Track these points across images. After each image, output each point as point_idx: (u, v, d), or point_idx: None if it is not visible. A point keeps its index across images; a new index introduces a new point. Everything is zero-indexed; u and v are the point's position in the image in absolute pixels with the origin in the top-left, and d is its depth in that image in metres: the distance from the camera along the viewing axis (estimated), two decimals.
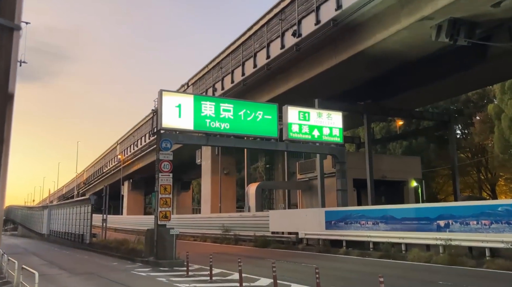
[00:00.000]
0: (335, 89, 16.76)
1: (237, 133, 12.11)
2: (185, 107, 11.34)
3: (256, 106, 12.63)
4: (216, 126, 11.70)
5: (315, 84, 15.94)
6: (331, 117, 13.67)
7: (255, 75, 17.01)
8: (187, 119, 11.38)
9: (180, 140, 11.64)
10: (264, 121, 12.45)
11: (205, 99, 12.08)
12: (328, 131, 13.53)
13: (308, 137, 13.16)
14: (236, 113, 12.09)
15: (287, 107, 12.98)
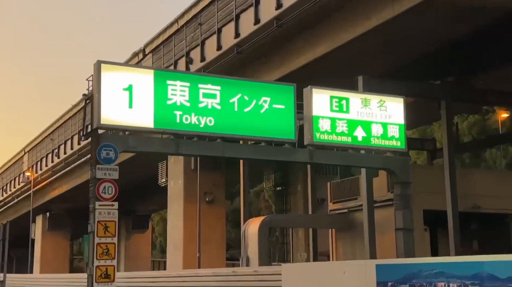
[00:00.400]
0: (390, 61, 16.71)
1: (228, 133, 12.08)
2: (139, 90, 11.29)
3: (260, 88, 12.59)
4: (192, 122, 11.64)
5: (358, 52, 15.89)
6: (386, 107, 13.51)
7: (258, 36, 16.95)
8: (143, 110, 11.32)
9: (131, 147, 11.59)
10: (273, 114, 12.38)
11: (173, 76, 12.01)
12: (381, 130, 13.37)
13: (346, 141, 13.02)
14: (225, 101, 12.01)
15: (311, 89, 12.83)
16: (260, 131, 12.29)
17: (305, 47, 16.69)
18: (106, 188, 10.64)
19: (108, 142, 10.89)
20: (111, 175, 10.71)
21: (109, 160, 10.79)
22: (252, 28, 16.98)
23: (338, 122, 12.93)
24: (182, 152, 12.47)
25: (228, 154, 12.51)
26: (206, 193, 23.74)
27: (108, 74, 11.06)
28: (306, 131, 12.73)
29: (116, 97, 11.06)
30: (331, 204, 20.48)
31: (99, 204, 10.58)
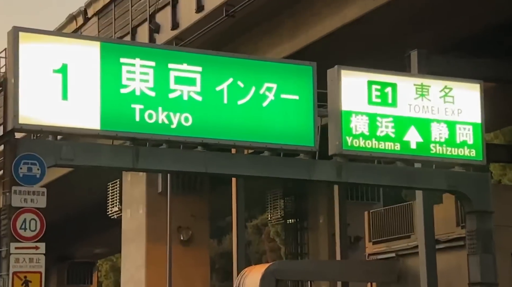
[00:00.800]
0: (458, 29, 16.65)
1: (213, 138, 12.09)
2: (78, 73, 11.33)
3: (261, 70, 12.61)
4: (159, 121, 11.70)
5: (408, 14, 15.87)
6: (454, 97, 13.53)
7: None
8: (85, 103, 11.36)
9: (66, 159, 11.57)
10: (282, 108, 12.44)
11: (130, 51, 12.01)
12: (446, 132, 13.40)
13: (393, 149, 13.04)
14: (209, 88, 12.07)
15: (339, 70, 12.82)
16: (262, 135, 12.30)
17: (330, 8, 16.74)
18: (27, 222, 10.56)
19: (31, 152, 10.84)
20: (35, 201, 10.64)
21: (32, 178, 10.73)
22: None
23: (381, 120, 12.93)
24: (144, 167, 12.38)
25: (213, 169, 12.45)
26: (181, 229, 23.77)
27: (30, 48, 11.03)
28: (331, 134, 12.73)
29: (42, 83, 11.04)
30: (370, 244, 20.47)
31: (16, 246, 10.49)
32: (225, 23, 18.14)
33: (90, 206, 30.32)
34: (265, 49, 18.41)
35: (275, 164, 12.68)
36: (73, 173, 23.94)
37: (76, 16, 24.54)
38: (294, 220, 26.57)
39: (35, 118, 11.01)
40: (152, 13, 20.51)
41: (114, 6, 22.52)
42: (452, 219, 17.31)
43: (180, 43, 18.83)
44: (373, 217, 20.73)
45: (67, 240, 35.82)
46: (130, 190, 24.46)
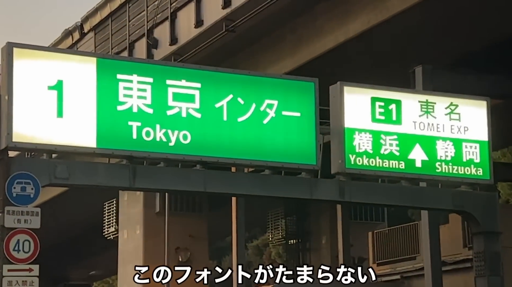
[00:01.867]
0: (464, 45, 16.68)
1: (212, 156, 12.10)
2: (73, 90, 11.36)
3: (262, 86, 12.67)
4: (156, 138, 11.73)
5: (414, 29, 15.92)
6: (460, 114, 13.57)
7: (260, 5, 17.08)
8: (80, 121, 11.39)
9: (60, 178, 11.55)
10: (283, 125, 12.48)
11: (127, 67, 12.03)
12: (452, 150, 13.44)
13: (397, 168, 13.07)
14: (208, 105, 12.11)
15: (341, 86, 12.87)
16: (263, 153, 12.32)
17: (333, 22, 16.81)
18: (20, 243, 10.55)
19: (25, 171, 10.84)
20: (28, 222, 10.62)
21: (26, 198, 10.72)
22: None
23: (385, 138, 12.95)
24: (141, 186, 12.36)
25: (212, 189, 12.46)
26: (179, 249, 23.72)
27: (25, 64, 11.07)
28: (334, 152, 12.74)
29: (37, 100, 11.06)
30: (375, 266, 20.38)
31: (9, 268, 10.47)
32: (225, 38, 18.22)
33: (85, 226, 30.30)
34: (266, 65, 18.47)
35: (276, 182, 12.67)
36: (68, 192, 23.94)
37: (72, 31, 24.63)
38: (296, 241, 26.55)
39: (29, 136, 11.02)
40: (150, 28, 20.59)
41: (111, 21, 22.64)
42: (459, 240, 17.30)
43: (179, 59, 18.91)
44: (377, 238, 20.74)
45: (62, 262, 35.76)
46: (127, 210, 24.43)
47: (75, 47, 23.95)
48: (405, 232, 19.74)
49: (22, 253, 10.56)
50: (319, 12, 17.08)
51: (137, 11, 21.43)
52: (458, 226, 17.30)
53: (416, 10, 15.22)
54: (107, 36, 22.76)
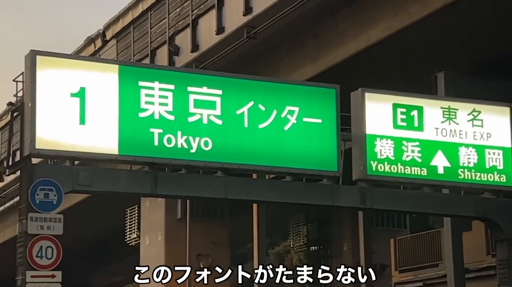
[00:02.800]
0: (484, 50, 16.62)
1: (233, 163, 12.13)
2: (96, 97, 11.45)
3: (283, 93, 12.69)
4: (178, 145, 11.78)
5: (434, 35, 15.87)
6: (483, 121, 13.57)
7: (281, 12, 17.09)
8: (103, 128, 11.48)
9: (83, 184, 11.66)
10: (304, 132, 12.50)
11: (149, 74, 12.13)
12: (475, 157, 13.42)
13: (420, 175, 13.04)
14: (229, 112, 12.16)
15: (363, 93, 12.89)
16: (284, 160, 12.33)
17: (354, 29, 16.80)
18: (43, 250, 10.61)
19: (48, 177, 10.93)
20: (51, 228, 10.70)
21: (49, 205, 10.81)
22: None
23: (407, 145, 12.94)
24: (162, 192, 12.46)
25: (233, 195, 12.50)
26: (201, 256, 23.73)
27: (48, 72, 11.18)
28: (356, 159, 12.75)
29: (60, 107, 11.16)
30: (397, 273, 20.33)
31: (32, 274, 10.54)
32: (246, 45, 18.26)
33: (107, 232, 30.39)
34: (287, 71, 18.48)
35: (297, 189, 12.70)
36: (91, 199, 24.05)
37: (94, 39, 24.81)
38: (317, 247, 26.47)
39: (52, 143, 11.12)
40: (171, 35, 20.68)
41: (133, 29, 22.77)
42: (482, 247, 17.17)
43: (200, 66, 18.97)
44: (400, 245, 20.63)
45: (84, 268, 35.86)
46: (148, 216, 24.52)
47: (97, 55, 24.12)
48: (428, 239, 19.64)
49: (45, 259, 10.63)
50: (341, 18, 17.08)
51: (159, 19, 21.53)
52: (481, 233, 17.17)
53: (437, 16, 15.18)
54: (129, 44, 22.89)
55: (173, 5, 20.72)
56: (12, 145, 12.01)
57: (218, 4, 19.02)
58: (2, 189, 30.04)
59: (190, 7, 20.00)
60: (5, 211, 30.13)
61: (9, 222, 29.15)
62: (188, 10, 20.14)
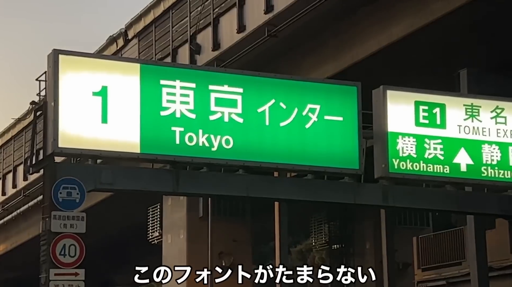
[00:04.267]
0: (507, 47, 16.52)
1: (255, 161, 12.17)
2: (118, 95, 11.52)
3: (304, 91, 12.72)
4: (199, 143, 11.83)
5: (458, 32, 15.79)
6: (506, 118, 13.54)
7: (302, 10, 17.02)
8: (124, 127, 11.55)
9: (105, 183, 11.77)
10: (325, 130, 12.52)
11: (170, 73, 12.21)
12: (498, 154, 13.38)
13: (442, 172, 13.02)
14: (251, 110, 12.21)
15: (385, 91, 12.88)
16: (305, 158, 12.35)
17: (375, 27, 16.72)
18: (66, 248, 10.70)
19: (70, 176, 11.03)
20: (74, 226, 10.80)
21: (72, 203, 10.90)
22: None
23: (429, 142, 12.93)
24: (184, 190, 12.54)
25: (255, 193, 12.56)
26: (223, 254, 23.76)
27: (70, 71, 11.27)
28: (377, 157, 12.74)
29: (82, 106, 11.25)
30: (419, 271, 20.25)
31: (56, 272, 10.62)
32: (267, 43, 18.24)
33: (130, 231, 30.52)
34: (308, 69, 18.43)
35: (319, 187, 12.72)
36: (113, 197, 24.16)
37: (116, 38, 24.88)
38: (340, 246, 26.40)
39: (75, 142, 11.22)
40: (193, 34, 20.71)
41: (154, 27, 22.83)
42: (506, 245, 17.05)
43: (221, 64, 18.97)
44: (422, 243, 20.53)
45: (107, 266, 36.07)
46: (170, 215, 24.57)
47: (119, 54, 24.20)
48: (451, 237, 19.53)
49: (68, 257, 10.74)
50: (362, 16, 17.01)
51: (180, 17, 21.57)
52: (505, 231, 17.04)
53: (460, 13, 15.07)
54: (151, 43, 22.95)
55: (194, 3, 20.74)
56: (35, 144, 12.09)
57: (239, 2, 19.01)
58: (26, 187, 30.29)
59: (211, 5, 20.01)
60: (29, 209, 30.37)
61: (33, 220, 29.38)
62: (209, 9, 20.15)
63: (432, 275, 19.80)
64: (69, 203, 10.89)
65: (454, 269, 18.88)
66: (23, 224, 31.91)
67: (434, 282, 19.69)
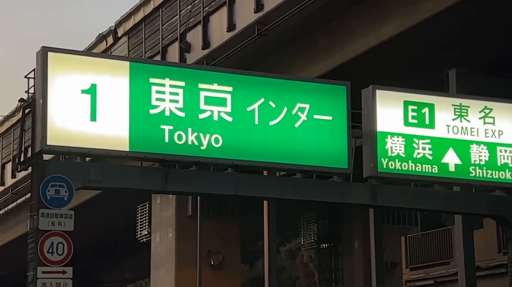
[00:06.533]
0: (496, 47, 16.62)
1: (244, 160, 12.15)
2: (107, 93, 11.48)
3: (294, 90, 12.69)
4: (188, 142, 11.81)
5: (447, 32, 15.84)
6: (494, 118, 13.52)
7: (292, 9, 17.09)
8: (113, 125, 11.52)
9: (94, 181, 11.72)
10: (314, 129, 12.50)
11: (160, 71, 12.16)
12: (486, 154, 13.37)
13: (431, 172, 13.01)
14: (240, 109, 12.18)
15: (374, 90, 12.86)
16: (294, 157, 12.33)
17: (365, 26, 16.78)
18: (54, 246, 10.64)
19: (59, 174, 10.97)
20: (62, 224, 10.74)
21: (60, 201, 10.84)
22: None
23: (418, 142, 12.92)
24: (173, 189, 12.51)
25: (244, 192, 12.51)
26: (211, 253, 23.79)
27: (59, 69, 11.22)
28: (366, 156, 12.74)
29: (71, 104, 11.19)
30: (408, 271, 20.36)
31: (43, 270, 10.57)
32: (257, 42, 18.26)
33: (118, 229, 30.49)
34: (298, 68, 18.46)
35: (307, 186, 12.70)
36: (102, 195, 24.13)
37: (106, 36, 24.84)
38: (328, 245, 26.51)
39: (63, 140, 11.15)
40: (182, 32, 20.70)
41: (144, 26, 22.80)
42: (493, 245, 17.16)
43: (211, 63, 18.98)
44: (410, 242, 20.65)
45: (95, 264, 36.04)
46: (159, 213, 24.56)
47: (108, 52, 24.16)
48: (439, 237, 19.64)
49: (56, 255, 10.68)
50: (352, 16, 17.05)
51: (170, 16, 21.56)
52: (492, 231, 17.17)
53: (449, 13, 15.13)
54: (141, 41, 22.93)
55: (184, 2, 20.73)
56: (24, 141, 12.04)
57: (229, 1, 19.02)
58: (14, 185, 30.19)
59: (201, 4, 20.00)
60: (17, 207, 30.28)
61: (21, 218, 29.32)
62: (199, 7, 20.14)
63: (420, 274, 19.91)
64: (57, 200, 10.83)
65: (442, 269, 18.99)
66: (11, 222, 31.81)
67: (422, 281, 19.81)
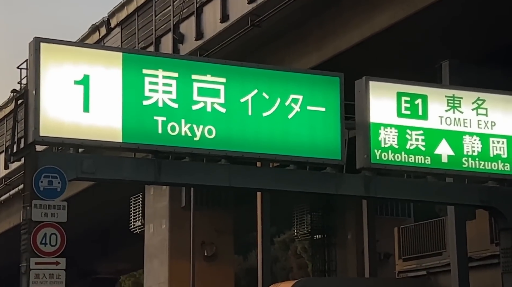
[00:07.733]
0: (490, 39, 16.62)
1: (237, 151, 12.17)
2: (100, 84, 11.48)
3: (287, 81, 12.71)
4: (181, 133, 11.83)
5: (440, 23, 15.86)
6: (487, 109, 13.55)
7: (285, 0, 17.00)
8: (106, 116, 11.52)
9: (87, 172, 11.72)
10: (308, 120, 12.52)
11: (153, 62, 12.16)
12: (479, 145, 13.43)
13: (424, 163, 13.06)
14: (233, 100, 12.19)
15: (367, 81, 12.89)
16: (288, 148, 12.35)
17: (359, 17, 16.77)
18: (47, 237, 10.65)
19: (52, 165, 10.98)
20: (55, 215, 10.75)
21: (53, 192, 10.85)
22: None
23: (411, 133, 12.96)
24: (166, 180, 12.50)
25: (237, 183, 12.53)
26: (205, 244, 23.82)
27: (52, 59, 11.20)
28: (359, 148, 12.77)
29: (64, 95, 11.19)
30: (400, 261, 20.39)
31: (37, 261, 10.59)
32: (250, 33, 18.23)
33: (112, 220, 30.50)
34: (291, 59, 18.45)
35: (301, 177, 12.74)
36: (95, 186, 24.13)
37: (99, 27, 24.78)
38: (322, 236, 26.53)
39: (56, 131, 11.16)
40: (176, 23, 20.64)
41: (137, 16, 22.73)
42: (486, 236, 17.20)
43: (205, 54, 18.95)
44: (403, 233, 20.66)
45: (88, 256, 36.05)
46: (152, 204, 24.57)
47: (102, 42, 24.10)
48: (432, 228, 19.66)
49: (49, 247, 10.70)
50: (345, 6, 17.02)
51: (163, 6, 21.49)
52: (485, 221, 17.19)
53: (443, 4, 15.12)
54: (134, 31, 22.86)
55: None
56: (16, 132, 12.03)
57: None
58: (7, 176, 30.16)
59: None
60: (10, 198, 30.25)
61: (14, 209, 29.27)
62: None
63: (413, 265, 19.92)
64: (50, 192, 10.84)
65: (434, 259, 19.01)
66: (4, 213, 31.76)
67: (414, 272, 19.82)
